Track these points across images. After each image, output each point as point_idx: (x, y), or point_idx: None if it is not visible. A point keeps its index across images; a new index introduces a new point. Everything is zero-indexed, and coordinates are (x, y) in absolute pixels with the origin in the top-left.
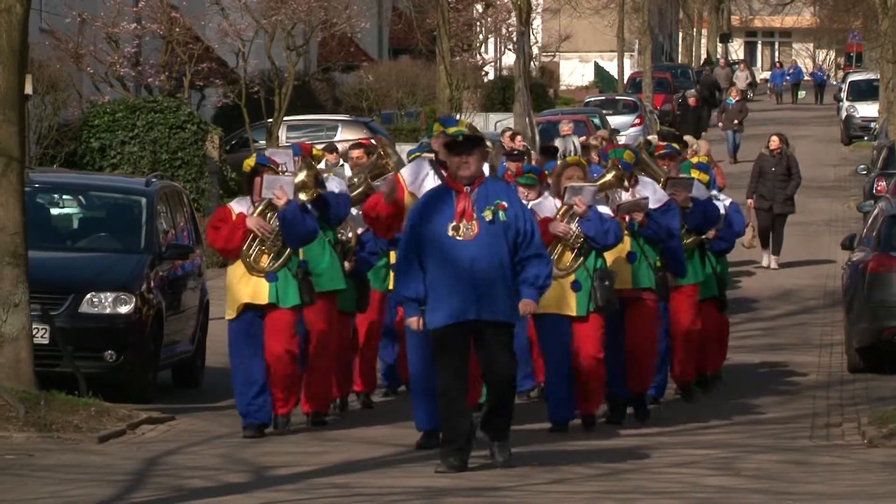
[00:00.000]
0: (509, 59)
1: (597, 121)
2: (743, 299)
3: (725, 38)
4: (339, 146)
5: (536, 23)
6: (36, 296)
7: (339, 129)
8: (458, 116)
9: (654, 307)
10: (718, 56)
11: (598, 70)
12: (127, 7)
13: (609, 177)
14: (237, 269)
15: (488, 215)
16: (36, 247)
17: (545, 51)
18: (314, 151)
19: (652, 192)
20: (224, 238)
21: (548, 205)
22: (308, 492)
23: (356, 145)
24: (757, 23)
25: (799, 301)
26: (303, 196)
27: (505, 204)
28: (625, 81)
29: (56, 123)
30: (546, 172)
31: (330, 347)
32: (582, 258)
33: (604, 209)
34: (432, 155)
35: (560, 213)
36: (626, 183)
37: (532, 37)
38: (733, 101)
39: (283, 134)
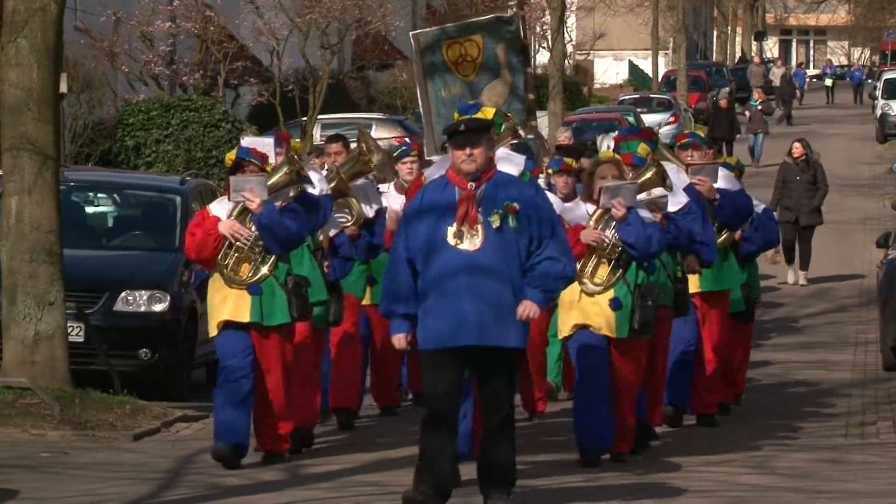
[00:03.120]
0: (543, 57)
1: (631, 119)
2: (780, 295)
3: (760, 37)
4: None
5: (571, 21)
6: (71, 294)
7: (374, 127)
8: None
9: (671, 325)
10: (753, 54)
11: (633, 68)
12: (161, 6)
13: (649, 174)
14: (216, 281)
15: (496, 221)
16: (71, 245)
17: (579, 49)
18: (292, 142)
19: (671, 194)
20: (197, 245)
21: (579, 210)
22: (341, 490)
23: (334, 138)
24: (792, 21)
25: (834, 299)
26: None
27: (517, 206)
28: (659, 79)
29: (91, 122)
30: (549, 170)
31: (308, 367)
32: (621, 271)
33: (645, 213)
34: None
35: (593, 218)
36: (667, 182)
37: (566, 34)
38: (757, 102)
39: (317, 132)
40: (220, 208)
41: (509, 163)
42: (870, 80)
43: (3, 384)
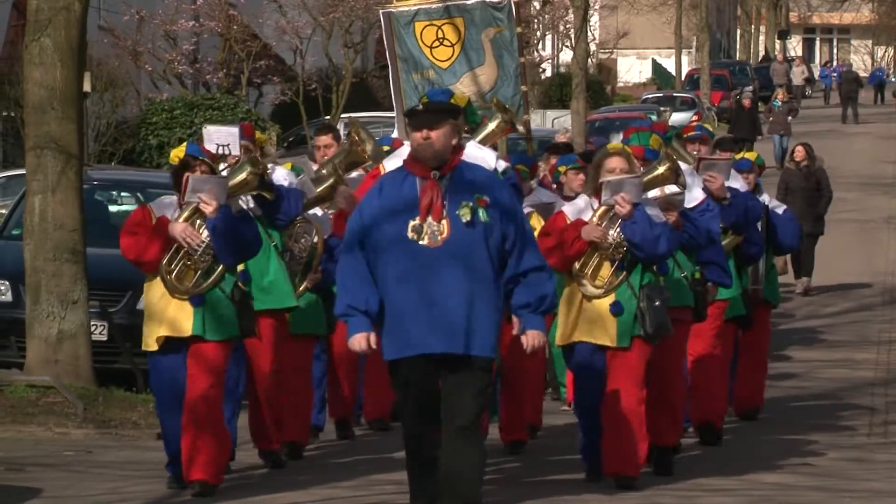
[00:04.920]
0: (567, 55)
1: (654, 118)
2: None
3: (784, 35)
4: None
5: (594, 19)
6: (94, 293)
7: (397, 126)
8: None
9: (689, 330)
10: (776, 52)
11: (656, 67)
12: (185, 5)
13: (661, 170)
14: (156, 288)
15: (465, 214)
16: (94, 244)
17: (603, 47)
18: (258, 135)
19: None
20: (139, 247)
21: (582, 205)
22: (366, 488)
23: (323, 129)
24: (815, 19)
25: (857, 298)
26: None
27: (487, 199)
28: (682, 78)
29: (114, 121)
30: (561, 167)
31: (280, 378)
32: (625, 273)
33: (652, 210)
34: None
35: (597, 214)
36: (681, 178)
37: (589, 33)
38: (780, 103)
39: (340, 131)
40: (165, 209)
41: (480, 158)
42: (893, 79)
43: (26, 383)
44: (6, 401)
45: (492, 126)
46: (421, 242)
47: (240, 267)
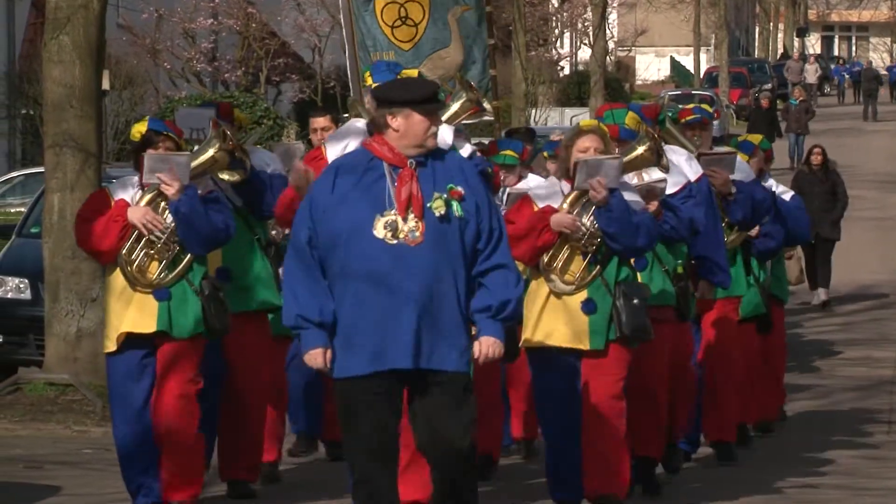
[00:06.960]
0: (585, 53)
1: (670, 115)
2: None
3: (802, 33)
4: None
5: (612, 17)
6: None
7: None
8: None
9: (672, 331)
10: (795, 50)
11: (675, 64)
12: (203, 3)
13: (640, 150)
14: (116, 281)
15: (439, 207)
16: None
17: (621, 45)
18: (236, 114)
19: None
20: (96, 235)
21: (552, 189)
22: None
23: (320, 110)
24: (834, 17)
25: (876, 296)
26: (226, 177)
27: (461, 190)
28: (701, 76)
29: (133, 119)
30: (544, 154)
31: (265, 389)
32: (598, 267)
33: (631, 196)
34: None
35: (568, 200)
36: (663, 160)
37: (608, 31)
38: (797, 101)
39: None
40: (124, 192)
41: (453, 140)
42: None
43: (45, 381)
44: (25, 399)
45: (455, 106)
46: (390, 242)
47: (219, 264)
